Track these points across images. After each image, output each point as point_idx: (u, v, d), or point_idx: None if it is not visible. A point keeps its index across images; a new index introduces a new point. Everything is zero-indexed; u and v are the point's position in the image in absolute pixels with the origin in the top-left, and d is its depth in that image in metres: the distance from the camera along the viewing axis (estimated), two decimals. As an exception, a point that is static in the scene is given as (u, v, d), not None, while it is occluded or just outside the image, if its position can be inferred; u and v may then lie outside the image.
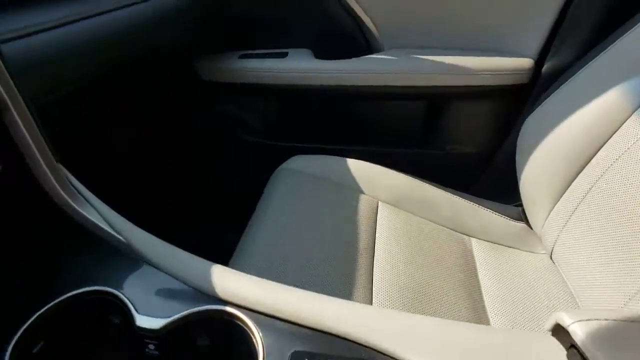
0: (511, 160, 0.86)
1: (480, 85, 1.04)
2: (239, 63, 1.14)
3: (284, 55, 1.15)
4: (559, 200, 0.73)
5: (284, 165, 0.96)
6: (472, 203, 0.87)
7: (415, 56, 1.07)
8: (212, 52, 1.19)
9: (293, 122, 1.27)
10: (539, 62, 1.04)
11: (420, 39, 1.11)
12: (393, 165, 1.13)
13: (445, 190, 0.88)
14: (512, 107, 1.09)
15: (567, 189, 0.71)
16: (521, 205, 0.85)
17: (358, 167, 0.92)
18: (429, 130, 1.18)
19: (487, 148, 1.14)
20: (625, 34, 0.70)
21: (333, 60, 1.10)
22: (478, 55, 1.05)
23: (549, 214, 0.74)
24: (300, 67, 1.10)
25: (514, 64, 1.02)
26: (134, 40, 0.89)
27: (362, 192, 0.86)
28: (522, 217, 0.86)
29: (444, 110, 1.13)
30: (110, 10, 0.82)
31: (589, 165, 0.69)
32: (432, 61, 1.05)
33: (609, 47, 0.73)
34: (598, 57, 0.75)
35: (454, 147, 1.15)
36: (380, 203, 0.85)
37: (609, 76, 0.69)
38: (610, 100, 0.67)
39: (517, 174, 0.83)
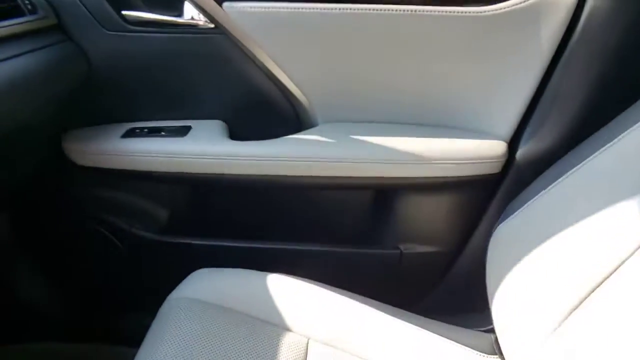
0: (478, 266, 0.68)
1: (442, 177, 0.80)
2: (121, 144, 0.83)
3: (186, 131, 0.86)
4: (548, 337, 0.51)
5: (181, 289, 0.69)
6: (430, 333, 0.65)
7: (357, 137, 0.82)
8: (85, 126, 0.88)
9: (202, 215, 0.97)
10: (512, 145, 0.82)
11: (363, 111, 0.86)
12: (333, 268, 0.89)
13: (399, 317, 0.66)
14: (479, 200, 0.86)
15: (560, 324, 0.50)
16: (493, 331, 0.62)
17: (282, 289, 0.67)
18: (378, 225, 0.93)
19: (449, 249, 0.90)
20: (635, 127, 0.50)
21: (249, 143, 0.82)
22: (436, 135, 0.82)
23: (534, 351, 0.52)
24: (203, 151, 0.81)
25: (483, 150, 0.79)
26: None
27: (286, 328, 0.63)
28: (496, 349, 0.64)
29: (396, 202, 0.88)
30: None
31: (589, 298, 0.48)
32: (380, 145, 0.80)
33: (611, 143, 0.54)
34: (597, 154, 0.54)
35: (409, 246, 0.90)
36: (310, 342, 0.62)
37: (617, 183, 0.50)
38: (624, 216, 0.47)
39: (488, 291, 0.63)
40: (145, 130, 0.86)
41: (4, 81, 0.66)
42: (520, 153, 0.81)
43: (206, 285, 0.68)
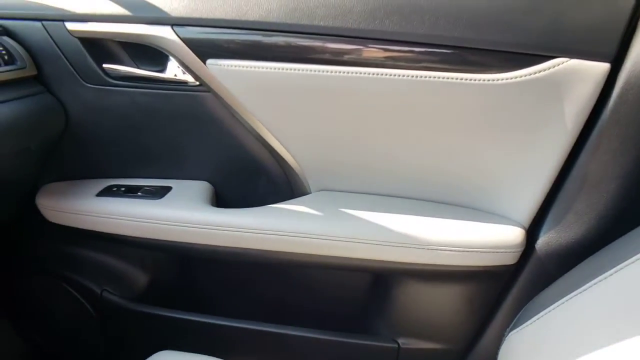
0: None
1: (448, 265, 0.69)
2: (94, 203, 0.77)
3: (165, 192, 0.78)
4: None
5: None
6: None
7: (352, 212, 0.72)
8: (61, 180, 0.83)
9: (177, 284, 0.88)
10: (532, 233, 0.70)
11: (360, 181, 0.77)
12: (319, 358, 0.77)
13: None
14: (491, 294, 0.74)
15: None
16: None
17: None
18: (373, 313, 0.81)
19: (454, 347, 0.77)
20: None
21: (230, 211, 0.74)
22: (442, 214, 0.71)
23: None
24: (178, 217, 0.73)
25: (497, 237, 0.67)
26: None
27: None
28: None
29: (394, 289, 0.77)
30: None
31: None
32: (377, 223, 0.70)
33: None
34: (635, 259, 0.43)
35: (408, 341, 0.77)
36: None
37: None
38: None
39: None
40: (123, 189, 0.79)
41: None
42: (540, 243, 0.68)
43: None
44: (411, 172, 0.74)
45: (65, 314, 0.91)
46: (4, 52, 0.70)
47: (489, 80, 0.63)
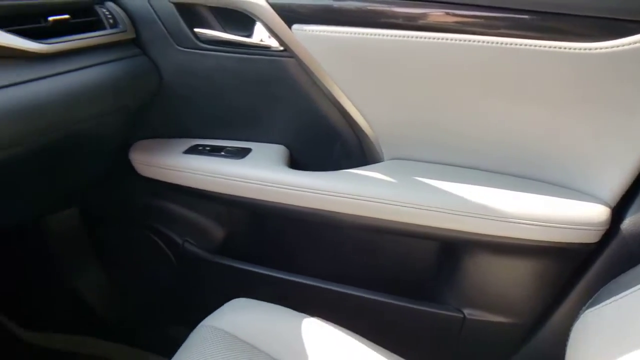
0: (556, 348, 0.57)
1: (525, 239, 0.68)
2: (182, 159, 0.82)
3: (245, 153, 0.82)
4: None
5: (215, 317, 0.66)
6: None
7: (426, 180, 0.72)
8: (152, 138, 0.89)
9: (254, 239, 0.94)
10: (618, 212, 0.67)
11: (435, 151, 0.77)
12: (381, 320, 0.79)
13: None
14: (568, 272, 0.72)
15: None
16: None
17: (316, 335, 0.61)
18: (440, 281, 0.82)
19: (523, 322, 0.76)
20: None
21: (307, 173, 0.77)
22: (522, 188, 0.70)
23: None
24: (258, 176, 0.77)
25: (580, 214, 0.65)
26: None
27: None
28: None
29: (464, 259, 0.77)
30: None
31: None
32: (452, 192, 0.70)
33: None
34: None
35: (474, 312, 0.77)
36: None
37: None
38: None
39: None
40: (207, 148, 0.84)
41: (79, 88, 0.68)
42: (626, 223, 0.65)
43: (240, 318, 0.65)
44: (489, 144, 0.72)
45: (150, 261, 1.00)
46: (109, 16, 0.76)
47: (582, 49, 0.60)
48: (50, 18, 0.67)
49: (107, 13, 0.76)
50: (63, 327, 1.12)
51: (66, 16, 0.69)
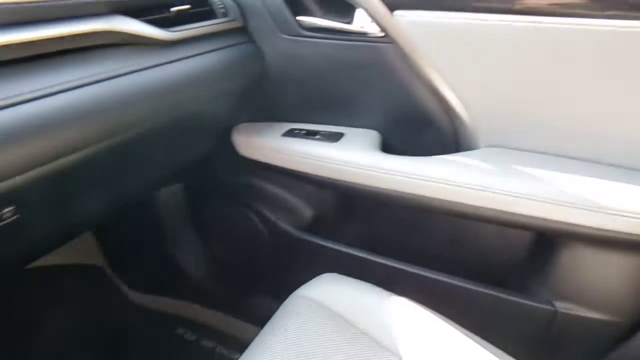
0: None
1: (629, 233, 0.65)
2: (280, 142, 0.88)
3: (338, 137, 0.86)
4: None
5: (308, 288, 0.70)
6: None
7: (523, 168, 0.71)
8: (253, 121, 0.96)
9: (343, 220, 0.97)
10: None
11: (533, 139, 0.75)
12: (468, 306, 0.80)
13: None
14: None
15: None
16: None
17: (405, 315, 0.63)
18: (532, 271, 0.80)
19: (623, 320, 0.73)
20: None
21: (401, 158, 0.79)
22: (628, 180, 0.66)
23: None
24: (353, 159, 0.80)
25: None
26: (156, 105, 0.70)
27: (398, 355, 0.58)
28: None
29: (560, 251, 0.75)
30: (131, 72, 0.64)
31: None
32: (550, 181, 0.68)
33: None
34: None
35: (567, 306, 0.75)
36: None
37: None
38: None
39: None
40: (303, 132, 0.89)
41: (198, 72, 0.75)
42: None
43: (332, 291, 0.68)
44: (590, 133, 0.70)
45: (245, 236, 1.07)
46: (222, 7, 0.83)
47: None
48: (173, 9, 0.75)
49: (219, 4, 0.83)
50: (165, 291, 1.24)
51: (187, 7, 0.76)
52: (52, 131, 0.56)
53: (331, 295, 0.67)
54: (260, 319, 1.05)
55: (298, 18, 0.82)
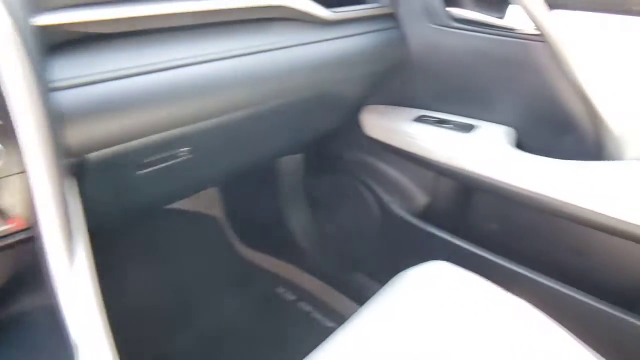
0: None
1: None
2: (410, 127, 0.91)
3: (470, 128, 0.87)
4: None
5: (415, 271, 0.72)
6: None
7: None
8: (380, 103, 1.00)
9: (459, 211, 0.98)
10: None
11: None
12: (593, 327, 0.77)
13: None
14: None
15: None
16: None
17: (523, 319, 0.62)
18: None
19: None
20: None
21: (538, 157, 0.78)
22: None
23: None
24: (484, 151, 0.81)
25: None
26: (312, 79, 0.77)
27: None
28: None
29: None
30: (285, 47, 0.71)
31: None
32: None
33: None
34: None
35: None
36: None
37: None
38: None
39: None
40: (434, 119, 0.91)
41: (349, 52, 0.81)
42: None
43: (440, 277, 0.69)
44: None
45: (355, 213, 1.13)
46: (376, -9, 0.87)
47: None
48: (337, -9, 0.81)
49: (375, -11, 0.87)
50: (271, 251, 1.35)
51: (348, -10, 0.82)
52: (223, 90, 0.65)
53: (439, 282, 0.68)
54: (357, 295, 1.10)
55: (448, 9, 0.84)
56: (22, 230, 0.47)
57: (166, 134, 0.61)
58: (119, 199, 0.63)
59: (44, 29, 0.49)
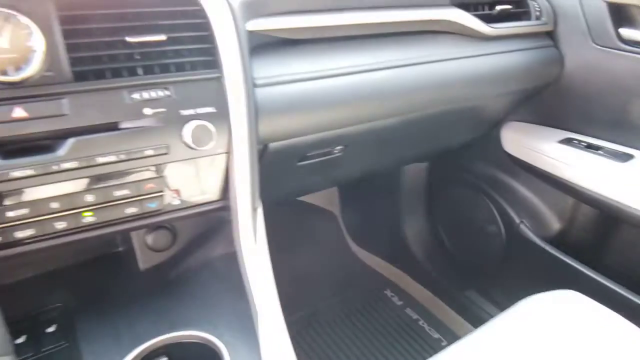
0: None
1: None
2: (556, 149, 0.88)
3: (627, 157, 0.82)
4: None
5: (543, 298, 0.69)
6: None
7: None
8: (524, 121, 0.97)
9: (595, 242, 0.93)
10: None
11: None
12: None
13: None
14: None
15: None
16: None
17: None
18: None
19: None
20: None
21: None
22: None
23: None
24: (637, 186, 0.76)
25: None
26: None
27: None
28: None
29: None
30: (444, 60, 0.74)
31: None
32: None
33: None
34: None
35: None
36: None
37: None
38: None
39: None
40: (583, 144, 0.87)
41: (504, 68, 0.81)
42: None
43: (570, 307, 0.66)
44: None
45: (479, 229, 1.11)
46: (538, 9, 0.86)
47: None
48: (498, 7, 0.81)
49: (536, 6, 0.86)
50: (383, 254, 1.38)
51: (509, 7, 0.82)
52: (387, 97, 0.69)
53: (568, 312, 0.65)
54: (468, 312, 1.08)
55: (620, 30, 0.80)
56: (215, 201, 0.55)
57: (330, 132, 0.67)
58: (278, 184, 0.71)
59: (251, 33, 0.58)
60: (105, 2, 0.46)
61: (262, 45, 0.61)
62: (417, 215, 1.29)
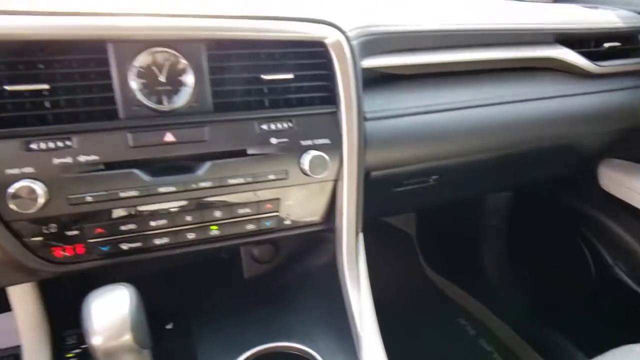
0: None
1: None
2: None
3: None
4: None
5: (632, 349, 0.66)
6: None
7: None
8: (623, 158, 0.93)
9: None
10: None
11: None
12: None
13: None
14: None
15: None
16: None
17: None
18: None
19: None
20: None
21: None
22: None
23: None
24: None
25: None
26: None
27: None
28: None
29: None
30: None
31: None
32: None
33: None
34: None
35: None
36: None
37: None
38: None
39: None
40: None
41: (607, 107, 0.80)
42: None
43: None
44: None
45: (565, 267, 1.07)
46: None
47: None
48: (607, 44, 0.79)
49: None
50: (458, 281, 1.36)
51: (618, 44, 0.80)
52: (491, 132, 0.70)
53: None
54: (547, 352, 1.03)
55: None
56: (319, 223, 0.60)
57: (429, 163, 0.69)
58: (370, 207, 0.74)
59: (363, 70, 0.62)
60: (245, 43, 0.52)
61: (371, 80, 0.65)
62: (497, 244, 1.26)
